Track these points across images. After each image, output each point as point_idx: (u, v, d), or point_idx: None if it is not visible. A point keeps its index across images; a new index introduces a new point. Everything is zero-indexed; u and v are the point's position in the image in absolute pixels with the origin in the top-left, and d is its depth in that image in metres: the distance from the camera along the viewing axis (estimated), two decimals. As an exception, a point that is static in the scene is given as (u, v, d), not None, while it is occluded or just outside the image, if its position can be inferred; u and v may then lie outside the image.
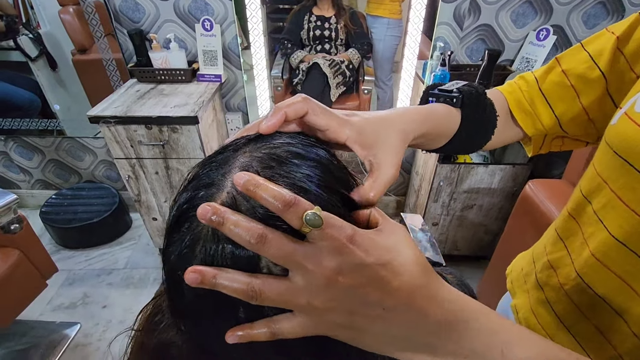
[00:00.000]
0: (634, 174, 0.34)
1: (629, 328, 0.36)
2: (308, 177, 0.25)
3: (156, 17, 1.45)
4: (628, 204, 0.35)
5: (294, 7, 1.76)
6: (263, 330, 0.23)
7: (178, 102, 1.34)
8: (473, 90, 0.44)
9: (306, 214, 0.21)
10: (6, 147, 1.90)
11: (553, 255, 0.47)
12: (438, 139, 0.43)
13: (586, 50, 0.44)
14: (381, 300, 0.23)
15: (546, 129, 0.49)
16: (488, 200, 1.49)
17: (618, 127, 0.37)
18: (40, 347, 1.41)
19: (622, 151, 0.35)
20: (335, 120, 0.30)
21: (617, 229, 0.36)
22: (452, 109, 0.43)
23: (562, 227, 0.46)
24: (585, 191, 0.42)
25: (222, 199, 0.23)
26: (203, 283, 0.22)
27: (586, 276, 0.40)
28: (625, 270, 0.36)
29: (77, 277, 1.70)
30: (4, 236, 1.13)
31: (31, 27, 1.69)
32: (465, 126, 0.43)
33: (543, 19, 1.41)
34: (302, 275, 0.22)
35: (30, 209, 2.09)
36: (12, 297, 1.16)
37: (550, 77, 0.47)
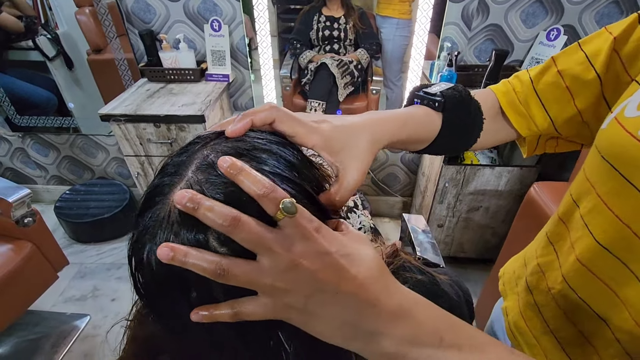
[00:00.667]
0: (620, 180, 0.33)
1: (612, 334, 0.36)
2: (271, 173, 0.26)
3: (166, 18, 1.48)
4: (613, 210, 0.35)
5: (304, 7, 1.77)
6: (227, 310, 0.24)
7: (186, 101, 1.37)
8: (457, 95, 0.44)
9: (283, 202, 0.23)
10: (24, 143, 1.97)
11: (542, 259, 0.47)
12: (417, 143, 0.43)
13: (583, 50, 0.43)
14: (336, 285, 0.24)
15: (540, 130, 0.48)
16: (495, 202, 1.47)
17: (607, 132, 0.36)
18: (51, 337, 1.46)
19: (610, 156, 0.35)
20: (303, 128, 0.31)
21: (602, 234, 0.36)
22: (433, 112, 0.43)
23: (552, 231, 0.46)
24: (574, 195, 0.42)
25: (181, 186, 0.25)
26: (174, 259, 0.23)
27: (572, 281, 0.40)
28: (609, 276, 0.36)
29: (88, 271, 1.75)
30: (18, 229, 1.18)
31: (49, 28, 1.75)
32: (446, 130, 0.43)
33: (554, 18, 1.38)
34: (269, 257, 0.23)
35: (45, 204, 2.16)
36: (25, 288, 1.21)
37: (546, 78, 0.47)
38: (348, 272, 0.24)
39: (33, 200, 2.17)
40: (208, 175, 0.26)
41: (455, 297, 0.47)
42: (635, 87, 0.37)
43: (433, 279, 0.45)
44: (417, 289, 0.43)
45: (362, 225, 1.00)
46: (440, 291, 0.45)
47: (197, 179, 0.25)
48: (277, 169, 0.27)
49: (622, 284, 0.35)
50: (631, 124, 0.33)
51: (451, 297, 0.46)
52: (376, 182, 1.95)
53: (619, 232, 0.34)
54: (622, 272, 0.34)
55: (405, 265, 0.45)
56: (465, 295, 0.53)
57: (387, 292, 0.26)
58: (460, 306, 0.48)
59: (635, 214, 0.32)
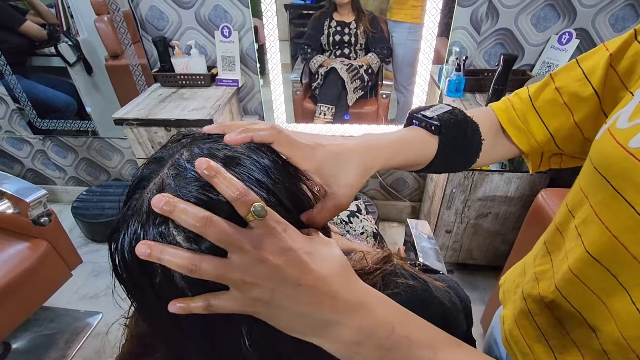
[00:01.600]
0: (610, 191, 0.33)
1: (600, 345, 0.36)
2: (247, 177, 0.29)
3: (179, 25, 1.53)
4: (603, 221, 0.35)
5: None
6: (201, 303, 0.26)
7: (196, 105, 1.40)
8: (452, 119, 0.45)
9: (254, 205, 0.25)
10: (44, 145, 2.06)
11: (539, 268, 0.47)
12: (413, 165, 0.45)
13: (580, 67, 0.44)
14: (298, 278, 0.26)
15: (540, 145, 0.49)
16: (504, 208, 1.45)
17: (600, 143, 0.36)
18: (65, 333, 1.51)
19: (601, 167, 0.35)
20: (299, 152, 0.33)
21: (592, 245, 0.36)
22: (429, 136, 0.44)
23: (550, 240, 0.46)
24: (569, 205, 0.42)
25: (155, 181, 0.28)
26: (150, 256, 0.25)
27: (564, 290, 0.40)
28: (599, 287, 0.36)
29: (102, 270, 1.81)
30: (35, 228, 1.23)
31: (71, 35, 1.82)
32: (442, 152, 0.44)
33: (566, 22, 1.35)
34: (238, 254, 0.25)
35: (64, 204, 2.24)
36: (40, 285, 1.26)
37: (544, 95, 0.47)
38: (309, 267, 0.27)
39: (52, 201, 2.27)
40: (182, 171, 0.28)
41: (449, 304, 0.47)
42: (629, 98, 0.37)
43: (426, 285, 0.46)
44: (407, 294, 0.43)
45: (365, 230, 1.00)
46: (431, 297, 0.45)
47: (170, 174, 0.28)
48: (252, 173, 0.29)
49: (610, 295, 0.35)
50: (622, 135, 0.33)
51: (444, 303, 0.46)
52: (385, 186, 1.95)
53: (608, 244, 0.34)
54: (611, 283, 0.34)
55: (397, 271, 0.45)
56: (464, 303, 0.52)
57: (347, 286, 0.28)
58: (455, 313, 0.47)
59: (624, 226, 0.32)
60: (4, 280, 1.12)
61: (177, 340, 0.32)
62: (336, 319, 0.27)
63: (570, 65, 0.45)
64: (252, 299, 0.26)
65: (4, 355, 1.42)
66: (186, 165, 0.28)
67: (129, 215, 0.29)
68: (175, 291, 0.28)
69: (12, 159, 2.15)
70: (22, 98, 1.87)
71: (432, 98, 1.62)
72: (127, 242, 0.28)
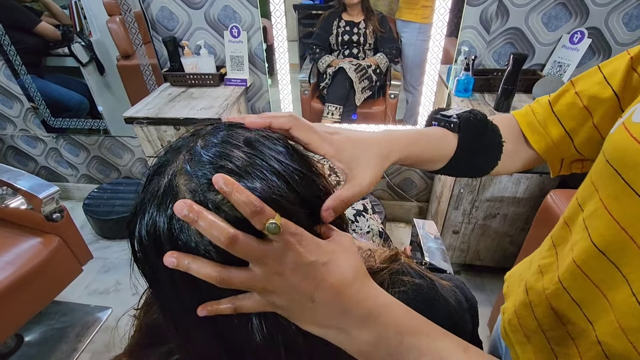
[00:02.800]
0: (621, 184, 0.33)
1: (596, 336, 0.36)
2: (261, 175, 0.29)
3: (188, 25, 1.55)
4: (612, 213, 0.35)
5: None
6: (228, 305, 0.29)
7: (204, 104, 1.42)
8: (471, 117, 0.46)
9: (268, 223, 0.26)
10: (57, 144, 2.10)
11: (544, 261, 0.47)
12: (431, 161, 0.45)
13: (602, 71, 0.44)
14: (312, 293, 0.28)
15: (559, 149, 0.49)
16: (513, 210, 1.43)
17: (614, 136, 0.37)
18: (76, 327, 1.54)
19: (613, 160, 0.35)
20: (317, 136, 0.34)
21: (599, 237, 0.36)
22: (449, 133, 0.45)
23: (557, 234, 0.46)
24: (580, 199, 0.42)
25: (171, 166, 0.29)
26: (178, 265, 0.26)
27: (566, 281, 0.40)
28: (601, 279, 0.36)
29: (112, 266, 1.84)
30: (47, 224, 1.26)
31: (84, 36, 1.85)
32: (462, 150, 0.45)
33: (578, 21, 1.33)
34: (260, 267, 0.27)
35: (75, 201, 2.29)
36: (52, 279, 1.29)
37: (564, 99, 0.48)
38: (323, 283, 0.28)
39: (65, 198, 2.31)
40: (197, 156, 0.29)
41: (455, 303, 0.47)
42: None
43: (432, 283, 0.46)
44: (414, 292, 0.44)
45: (371, 229, 1.00)
46: (437, 296, 0.45)
47: (186, 159, 0.29)
48: (268, 161, 0.30)
49: (612, 287, 0.35)
50: (636, 128, 0.33)
51: (449, 302, 0.46)
52: (392, 186, 1.94)
53: (615, 236, 0.34)
54: (613, 275, 0.34)
55: (404, 270, 0.45)
56: (469, 302, 0.52)
57: (357, 299, 0.29)
58: (461, 312, 0.47)
59: (633, 218, 0.32)
60: (18, 274, 1.15)
61: (188, 327, 0.33)
62: (347, 330, 0.29)
63: (591, 71, 0.46)
64: (272, 303, 0.28)
65: (17, 347, 1.45)
66: (201, 151, 0.29)
67: (146, 200, 0.29)
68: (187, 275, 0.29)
69: (27, 156, 2.20)
70: (37, 97, 1.92)
71: (440, 98, 1.61)
72: (144, 226, 0.29)
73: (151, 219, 0.28)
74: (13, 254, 1.20)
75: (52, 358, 1.43)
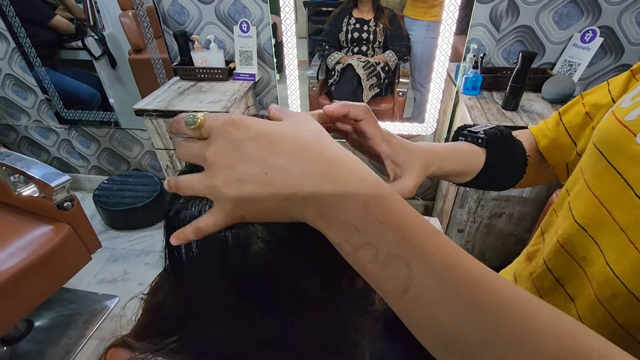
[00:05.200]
0: (604, 163, 0.35)
1: (577, 312, 0.38)
2: None
3: (199, 20, 1.57)
4: (593, 191, 0.37)
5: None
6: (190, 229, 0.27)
7: (213, 98, 1.43)
8: (498, 133, 0.48)
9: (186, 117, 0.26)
10: (69, 135, 2.15)
11: (532, 248, 0.49)
12: (463, 175, 0.47)
13: (608, 85, 0.47)
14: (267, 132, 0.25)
15: (566, 157, 0.50)
16: (519, 209, 1.42)
17: (603, 123, 0.39)
18: (84, 314, 1.58)
19: (599, 142, 0.37)
20: (380, 134, 0.37)
21: (580, 215, 0.38)
22: (477, 148, 0.47)
23: (545, 221, 0.49)
24: (567, 185, 0.45)
25: None
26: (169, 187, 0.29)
27: (550, 262, 0.42)
28: (581, 256, 0.38)
29: (120, 256, 1.88)
30: (58, 212, 1.29)
31: (97, 30, 1.89)
32: (490, 165, 0.47)
33: (590, 19, 1.32)
34: (205, 163, 0.26)
35: (86, 192, 2.33)
36: (61, 266, 1.32)
37: (572, 109, 0.50)
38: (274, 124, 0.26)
39: (76, 188, 2.36)
40: None
41: None
42: (636, 84, 0.39)
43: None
44: None
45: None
46: None
47: None
48: None
49: (590, 262, 0.37)
50: (622, 112, 0.35)
51: None
52: (398, 184, 1.94)
53: (596, 212, 0.36)
54: (592, 250, 0.36)
55: None
56: None
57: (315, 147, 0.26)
58: None
59: (612, 193, 0.35)
60: (29, 260, 1.19)
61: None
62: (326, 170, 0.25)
63: (601, 85, 0.48)
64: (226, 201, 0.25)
65: (28, 331, 1.49)
66: None
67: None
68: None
69: (40, 147, 2.25)
70: (50, 89, 1.96)
71: (448, 96, 1.60)
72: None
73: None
74: (25, 240, 1.24)
75: (61, 343, 1.47)
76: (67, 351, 1.44)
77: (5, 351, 1.44)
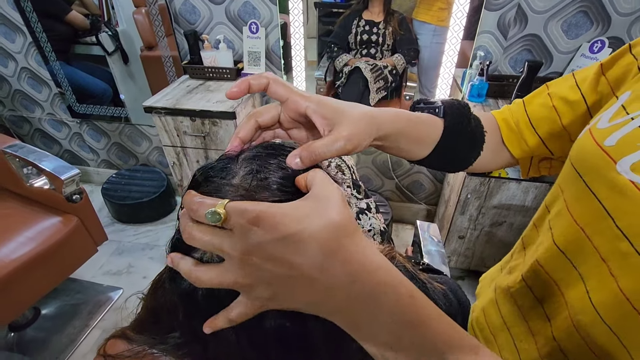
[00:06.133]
0: (582, 186, 0.35)
1: (552, 332, 0.38)
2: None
3: (209, 20, 1.59)
4: (572, 214, 0.37)
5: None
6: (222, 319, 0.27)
7: (220, 98, 1.46)
8: (455, 103, 0.47)
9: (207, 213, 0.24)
10: (81, 129, 2.19)
11: (514, 262, 0.49)
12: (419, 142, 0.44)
13: (575, 77, 0.46)
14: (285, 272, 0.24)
15: (530, 148, 0.50)
16: (520, 219, 1.42)
17: (579, 141, 0.38)
18: (89, 305, 1.62)
19: (576, 162, 0.37)
20: (296, 93, 0.33)
21: (560, 237, 0.38)
22: (435, 118, 0.45)
23: (526, 235, 0.48)
24: (547, 201, 0.44)
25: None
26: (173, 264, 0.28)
27: (529, 280, 0.42)
28: (560, 278, 0.38)
29: (125, 249, 1.92)
30: (67, 204, 1.33)
31: (111, 26, 1.92)
32: (448, 134, 0.45)
33: (599, 30, 1.31)
34: (226, 258, 0.25)
35: (95, 185, 2.39)
36: (69, 256, 1.36)
37: (537, 100, 0.49)
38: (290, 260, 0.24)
39: (85, 181, 2.41)
40: None
41: (446, 306, 0.49)
42: (614, 101, 0.38)
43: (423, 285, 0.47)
44: None
45: (372, 227, 1.01)
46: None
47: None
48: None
49: (569, 285, 0.36)
50: (600, 134, 0.35)
51: (439, 304, 0.48)
52: (400, 187, 1.95)
53: (574, 235, 0.36)
54: (571, 274, 0.36)
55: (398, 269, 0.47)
56: (462, 306, 0.54)
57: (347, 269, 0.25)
58: (452, 316, 0.49)
59: (591, 218, 0.34)
60: (38, 249, 1.22)
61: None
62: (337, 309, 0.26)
63: (566, 76, 0.47)
64: (256, 299, 0.26)
65: (34, 319, 1.54)
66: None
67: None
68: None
69: (52, 139, 2.30)
70: (64, 83, 2.01)
71: (454, 102, 1.60)
72: None
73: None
74: (35, 230, 1.28)
75: (66, 332, 1.51)
76: (71, 340, 1.48)
77: (13, 337, 1.49)
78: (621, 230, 0.31)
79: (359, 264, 0.25)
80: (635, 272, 0.30)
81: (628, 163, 0.31)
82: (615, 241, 0.31)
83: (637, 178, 0.30)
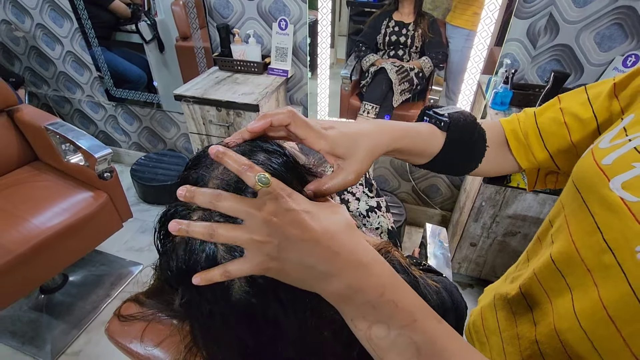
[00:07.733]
0: (580, 202, 0.37)
1: (535, 336, 0.40)
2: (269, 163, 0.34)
3: (241, 15, 1.65)
4: (570, 230, 0.38)
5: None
6: (217, 272, 0.30)
7: (246, 90, 1.52)
8: (462, 119, 0.48)
9: (258, 175, 0.29)
10: (116, 112, 2.32)
11: (517, 273, 0.50)
12: (418, 155, 0.47)
13: (587, 93, 0.46)
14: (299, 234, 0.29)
15: (538, 161, 0.50)
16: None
17: (582, 160, 0.40)
18: (112, 276, 1.73)
19: (577, 181, 0.39)
20: (313, 133, 0.36)
21: (556, 252, 0.40)
22: (437, 131, 0.47)
23: (530, 248, 0.50)
24: (550, 216, 0.45)
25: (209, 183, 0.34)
26: (180, 231, 0.30)
27: (524, 288, 0.44)
28: (550, 287, 0.40)
29: (148, 227, 2.03)
30: (99, 181, 1.43)
31: (150, 15, 2.02)
32: (446, 150, 0.47)
33: (634, 43, 1.27)
34: (248, 218, 0.29)
35: (125, 165, 2.52)
36: (97, 229, 1.46)
37: (548, 113, 0.49)
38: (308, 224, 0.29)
39: (116, 161, 2.55)
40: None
41: (436, 302, 0.51)
42: (618, 123, 0.39)
43: (415, 280, 0.50)
44: None
45: (380, 225, 1.04)
46: (416, 291, 0.50)
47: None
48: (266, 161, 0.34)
49: (557, 294, 0.38)
50: (600, 153, 0.36)
51: (429, 299, 0.50)
52: (417, 191, 1.95)
53: (567, 248, 0.37)
54: (560, 283, 0.38)
55: (390, 262, 0.50)
56: (456, 305, 0.56)
57: (349, 244, 0.30)
58: (442, 312, 0.52)
59: (583, 233, 0.36)
60: (71, 220, 1.33)
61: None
62: (333, 272, 0.29)
63: (578, 90, 0.47)
64: (262, 257, 0.29)
65: (63, 284, 1.67)
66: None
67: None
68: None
69: (89, 120, 2.45)
70: (104, 68, 2.13)
71: (477, 108, 1.59)
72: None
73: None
74: (69, 202, 1.38)
75: (89, 299, 1.62)
76: (94, 307, 1.59)
77: (43, 299, 1.62)
78: (607, 243, 0.32)
79: (359, 243, 0.31)
80: (615, 282, 0.31)
81: (620, 181, 0.33)
82: (601, 254, 0.33)
83: (626, 195, 0.32)
